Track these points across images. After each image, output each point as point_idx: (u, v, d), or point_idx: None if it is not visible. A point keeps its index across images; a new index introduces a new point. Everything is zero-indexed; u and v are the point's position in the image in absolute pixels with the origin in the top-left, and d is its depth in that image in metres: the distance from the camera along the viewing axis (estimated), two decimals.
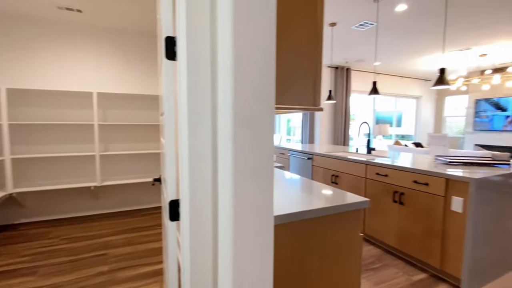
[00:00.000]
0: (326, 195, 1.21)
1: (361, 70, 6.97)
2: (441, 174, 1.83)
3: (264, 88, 0.73)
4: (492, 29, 3.99)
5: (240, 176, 0.73)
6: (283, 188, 1.35)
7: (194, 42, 0.74)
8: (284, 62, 0.92)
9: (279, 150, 4.05)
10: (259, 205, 0.75)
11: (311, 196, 1.19)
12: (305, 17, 0.98)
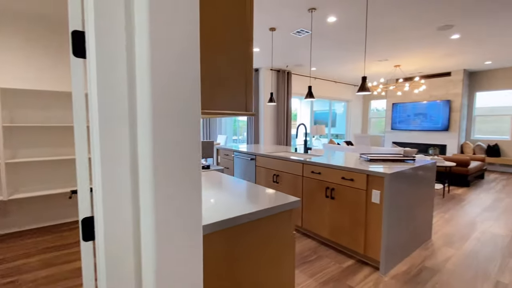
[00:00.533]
0: (261, 198, 1.24)
1: (300, 74, 7.43)
2: (363, 170, 2.07)
3: (188, 90, 0.70)
4: (404, 44, 4.70)
5: (163, 188, 0.68)
6: (219, 193, 1.33)
7: (105, 37, 0.66)
8: (212, 64, 0.90)
9: (224, 151, 4.02)
10: (186, 217, 0.72)
11: (246, 200, 1.20)
12: (235, 18, 0.98)
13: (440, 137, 7.22)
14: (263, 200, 1.19)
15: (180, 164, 0.69)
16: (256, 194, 1.30)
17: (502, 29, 3.95)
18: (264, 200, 1.19)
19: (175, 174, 0.69)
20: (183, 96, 0.68)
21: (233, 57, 0.95)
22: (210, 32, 0.89)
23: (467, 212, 3.46)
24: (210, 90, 0.90)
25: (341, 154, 3.06)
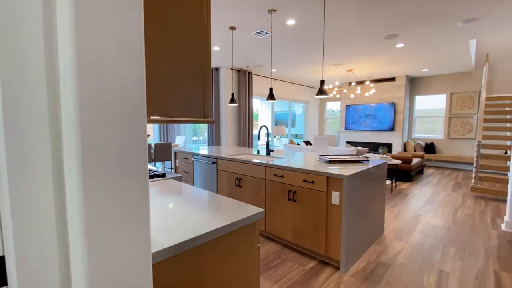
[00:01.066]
0: (223, 211, 1.15)
1: (261, 75, 7.46)
2: (323, 173, 2.11)
3: (129, 92, 0.58)
4: (356, 50, 5.00)
5: (97, 215, 0.55)
6: (175, 208, 1.20)
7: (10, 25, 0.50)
8: (161, 62, 0.78)
9: (182, 154, 3.80)
10: (130, 249, 0.59)
11: (207, 216, 1.10)
12: (189, 12, 0.87)
13: (387, 137, 7.91)
14: (225, 214, 1.10)
15: (121, 188, 0.57)
16: (218, 206, 1.21)
17: (436, 41, 4.45)
18: (227, 214, 1.10)
19: (118, 203, 0.56)
20: (121, 99, 0.56)
21: (188, 55, 0.84)
22: (159, 26, 0.77)
23: (412, 205, 3.81)
24: (160, 93, 0.77)
25: (302, 155, 3.11)
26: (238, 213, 1.11)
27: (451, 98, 7.18)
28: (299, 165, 2.38)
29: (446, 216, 3.38)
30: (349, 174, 2.00)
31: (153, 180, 1.71)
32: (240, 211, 1.13)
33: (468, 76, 6.89)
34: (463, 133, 7.03)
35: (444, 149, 7.35)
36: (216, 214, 1.10)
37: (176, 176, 1.86)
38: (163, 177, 1.80)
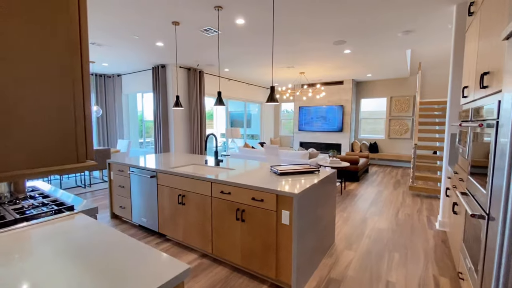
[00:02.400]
0: (137, 276, 0.86)
1: (213, 74, 7.10)
2: (273, 190, 1.93)
3: None
4: (306, 54, 5.00)
5: None
6: (62, 277, 0.87)
7: None
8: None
9: (117, 166, 3.29)
10: None
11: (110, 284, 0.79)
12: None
13: (336, 137, 8.28)
14: (140, 280, 0.81)
15: None
16: (129, 267, 0.91)
17: (378, 49, 4.69)
18: (142, 280, 0.82)
19: None
20: None
21: (41, 68, 0.54)
22: None
23: (359, 208, 3.94)
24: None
25: (253, 166, 2.92)
26: (158, 275, 0.83)
27: (391, 101, 7.81)
28: (248, 181, 2.17)
29: (389, 218, 3.55)
30: (299, 192, 1.85)
31: (54, 218, 1.31)
32: (160, 273, 0.85)
33: (405, 82, 7.56)
34: (401, 133, 7.71)
35: (385, 148, 7.97)
36: (125, 283, 0.80)
37: (90, 208, 1.48)
38: (71, 211, 1.40)
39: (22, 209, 1.38)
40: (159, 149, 6.24)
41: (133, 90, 7.01)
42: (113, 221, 3.42)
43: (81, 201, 1.60)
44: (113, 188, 3.41)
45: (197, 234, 2.50)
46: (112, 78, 7.36)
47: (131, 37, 4.09)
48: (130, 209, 3.18)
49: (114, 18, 3.34)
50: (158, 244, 2.76)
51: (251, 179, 2.23)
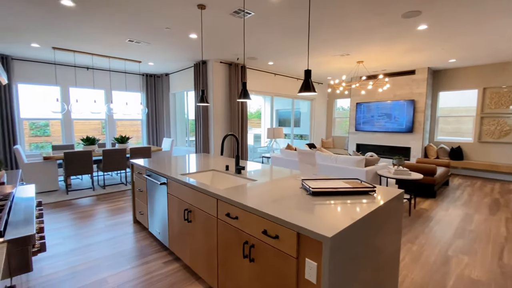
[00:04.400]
0: None
1: (257, 69, 6.57)
2: (291, 225, 1.23)
3: None
4: (365, 35, 4.01)
5: None
6: None
7: None
8: None
9: (137, 168, 3.01)
10: None
11: None
12: None
13: (404, 139, 6.84)
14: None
15: None
16: None
17: (470, 20, 3.40)
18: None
19: None
20: None
21: None
22: None
23: (438, 239, 2.84)
24: None
25: (283, 175, 2.24)
26: None
27: (484, 94, 6.01)
28: (259, 202, 1.51)
29: (488, 261, 2.41)
30: (336, 233, 1.12)
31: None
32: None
33: (507, 68, 5.69)
34: (498, 136, 5.86)
35: (474, 154, 6.20)
36: None
37: (22, 237, 1.04)
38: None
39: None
40: (199, 149, 6.03)
41: (179, 88, 7.00)
42: (135, 226, 3.18)
43: (31, 221, 1.20)
44: (135, 191, 3.16)
45: (203, 262, 1.96)
46: (160, 77, 7.52)
47: (163, 29, 3.83)
48: (147, 216, 2.86)
49: (140, 9, 3.06)
50: (166, 263, 2.33)
51: (266, 199, 1.56)
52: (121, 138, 5.41)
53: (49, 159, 4.51)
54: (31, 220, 1.22)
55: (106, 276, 2.13)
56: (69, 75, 6.11)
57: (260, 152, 8.08)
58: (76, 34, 4.05)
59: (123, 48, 4.81)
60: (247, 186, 1.89)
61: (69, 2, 2.92)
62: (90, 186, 5.08)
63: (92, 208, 3.85)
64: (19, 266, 1.04)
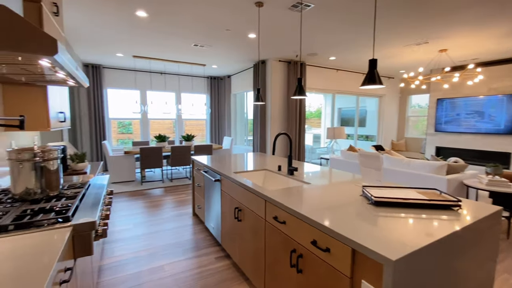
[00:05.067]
0: None
1: (317, 65, 6.26)
2: (345, 239, 1.05)
3: None
4: (451, 16, 3.35)
5: None
6: None
7: None
8: None
9: (196, 164, 3.17)
10: None
11: None
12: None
13: (501, 143, 5.53)
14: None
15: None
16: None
17: None
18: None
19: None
20: None
21: None
22: None
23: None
24: None
25: (342, 179, 2.01)
26: None
27: None
28: (308, 207, 1.36)
29: None
30: (401, 257, 0.90)
31: (30, 232, 1.04)
32: None
33: None
34: None
35: None
36: None
37: (86, 222, 1.16)
38: (63, 222, 1.12)
39: (25, 213, 1.22)
40: (256, 148, 6.09)
41: (240, 89, 7.22)
42: (193, 219, 3.37)
43: (98, 211, 1.34)
44: (195, 186, 3.34)
45: (251, 263, 1.90)
46: (223, 79, 7.90)
47: (223, 31, 3.96)
48: (204, 210, 2.98)
49: (202, 13, 3.22)
50: (218, 259, 2.37)
51: (318, 205, 1.40)
52: (187, 136, 5.88)
53: (129, 153, 5.19)
54: (96, 208, 1.35)
55: (163, 264, 2.29)
56: (146, 80, 6.96)
57: (318, 153, 7.71)
58: (150, 43, 4.54)
59: (189, 52, 5.19)
60: (298, 189, 1.75)
61: (143, 13, 3.27)
62: (160, 178, 5.67)
63: (160, 198, 4.26)
64: (81, 249, 1.16)
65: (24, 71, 1.33)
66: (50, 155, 1.45)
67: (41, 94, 1.95)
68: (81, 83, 1.84)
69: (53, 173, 1.46)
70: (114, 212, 3.61)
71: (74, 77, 1.52)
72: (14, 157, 1.34)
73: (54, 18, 2.27)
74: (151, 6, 3.06)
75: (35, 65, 1.19)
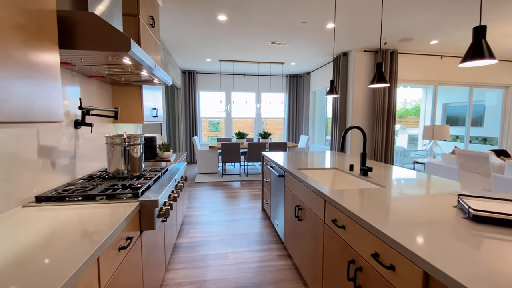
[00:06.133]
0: None
1: (413, 52, 5.32)
2: (416, 257, 0.80)
3: None
4: None
5: None
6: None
7: None
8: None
9: (266, 160, 3.20)
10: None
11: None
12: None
13: None
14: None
15: None
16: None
17: None
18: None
19: None
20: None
21: None
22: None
23: None
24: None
25: (431, 185, 1.60)
26: None
27: None
28: (380, 212, 1.12)
29: None
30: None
31: (108, 202, 1.25)
32: None
33: None
34: None
35: None
36: None
37: (151, 200, 1.31)
38: (133, 198, 1.30)
39: (112, 187, 1.48)
40: (334, 147, 5.68)
41: (319, 85, 6.91)
42: (262, 213, 3.41)
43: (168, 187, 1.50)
44: (264, 181, 3.38)
45: (310, 268, 1.75)
46: (302, 77, 7.73)
47: (299, 25, 3.85)
48: (270, 206, 2.98)
49: (278, 9, 3.22)
50: (279, 257, 2.30)
51: (386, 211, 1.13)
52: (264, 134, 6.05)
53: (213, 148, 5.74)
54: (163, 189, 1.51)
55: (228, 252, 2.39)
56: (229, 82, 7.54)
57: (413, 157, 6.56)
58: (232, 46, 4.87)
59: (268, 51, 5.30)
60: (366, 191, 1.49)
61: (223, 17, 3.53)
62: (238, 172, 6.03)
63: (236, 191, 4.52)
64: (146, 223, 1.31)
65: (118, 70, 1.61)
66: (135, 141, 1.72)
67: (137, 93, 2.33)
68: (164, 81, 2.10)
69: (136, 157, 1.72)
70: (197, 199, 4.05)
71: (155, 74, 1.74)
72: (109, 142, 1.65)
73: (151, 29, 2.69)
74: (229, 9, 3.26)
75: (122, 64, 1.41)
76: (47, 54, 0.97)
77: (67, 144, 1.62)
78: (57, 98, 1.03)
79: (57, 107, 1.03)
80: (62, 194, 1.32)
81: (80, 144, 1.79)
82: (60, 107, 1.07)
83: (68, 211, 1.16)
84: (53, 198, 1.31)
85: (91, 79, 1.95)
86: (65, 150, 1.60)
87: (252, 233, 2.79)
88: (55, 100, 1.02)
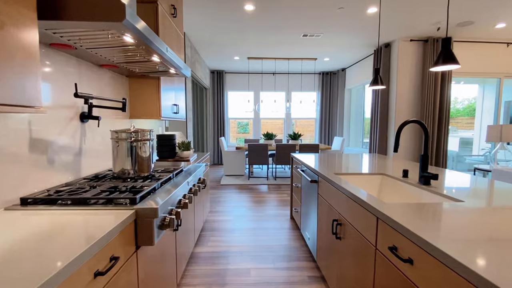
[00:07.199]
0: None
1: (473, 40, 4.55)
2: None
3: None
4: None
5: None
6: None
7: None
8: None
9: (296, 162, 2.83)
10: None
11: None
12: None
13: None
14: None
15: None
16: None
17: None
18: None
19: None
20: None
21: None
22: None
23: None
24: None
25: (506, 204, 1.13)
26: None
27: None
28: (472, 242, 0.71)
29: None
30: None
31: (96, 209, 1.00)
32: None
33: None
34: None
35: None
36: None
37: (149, 207, 1.04)
38: (129, 204, 1.04)
39: (110, 190, 1.24)
40: (374, 149, 5.09)
41: (356, 82, 6.33)
42: (290, 222, 3.04)
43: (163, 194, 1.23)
44: (293, 186, 3.01)
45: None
46: (336, 74, 7.19)
47: (335, 11, 3.42)
48: (300, 215, 2.60)
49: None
50: (311, 279, 1.92)
51: (479, 239, 0.72)
52: (293, 135, 5.66)
53: (240, 149, 5.49)
54: (168, 194, 1.24)
55: (250, 268, 2.06)
56: (258, 81, 7.26)
57: (469, 163, 5.66)
58: (261, 41, 4.58)
59: (299, 45, 4.92)
60: (441, 209, 1.07)
61: (250, 7, 3.25)
62: (265, 175, 5.71)
63: (262, 195, 4.20)
64: (143, 237, 1.04)
65: (124, 55, 1.37)
66: (143, 136, 1.48)
67: (155, 85, 2.13)
68: (180, 71, 1.86)
69: (144, 155, 1.48)
70: (221, 202, 3.80)
71: (167, 58, 1.49)
72: (114, 137, 1.43)
73: (172, 19, 2.49)
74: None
75: (126, 45, 1.17)
76: (21, 22, 0.74)
77: (70, 139, 1.44)
78: (32, 77, 0.80)
79: (32, 88, 0.80)
80: (51, 196, 1.11)
81: (87, 140, 1.60)
82: (38, 89, 0.84)
83: (49, 216, 0.94)
84: (40, 201, 1.11)
85: (103, 68, 1.78)
86: (67, 146, 1.42)
87: (279, 246, 2.44)
88: (30, 79, 0.79)
